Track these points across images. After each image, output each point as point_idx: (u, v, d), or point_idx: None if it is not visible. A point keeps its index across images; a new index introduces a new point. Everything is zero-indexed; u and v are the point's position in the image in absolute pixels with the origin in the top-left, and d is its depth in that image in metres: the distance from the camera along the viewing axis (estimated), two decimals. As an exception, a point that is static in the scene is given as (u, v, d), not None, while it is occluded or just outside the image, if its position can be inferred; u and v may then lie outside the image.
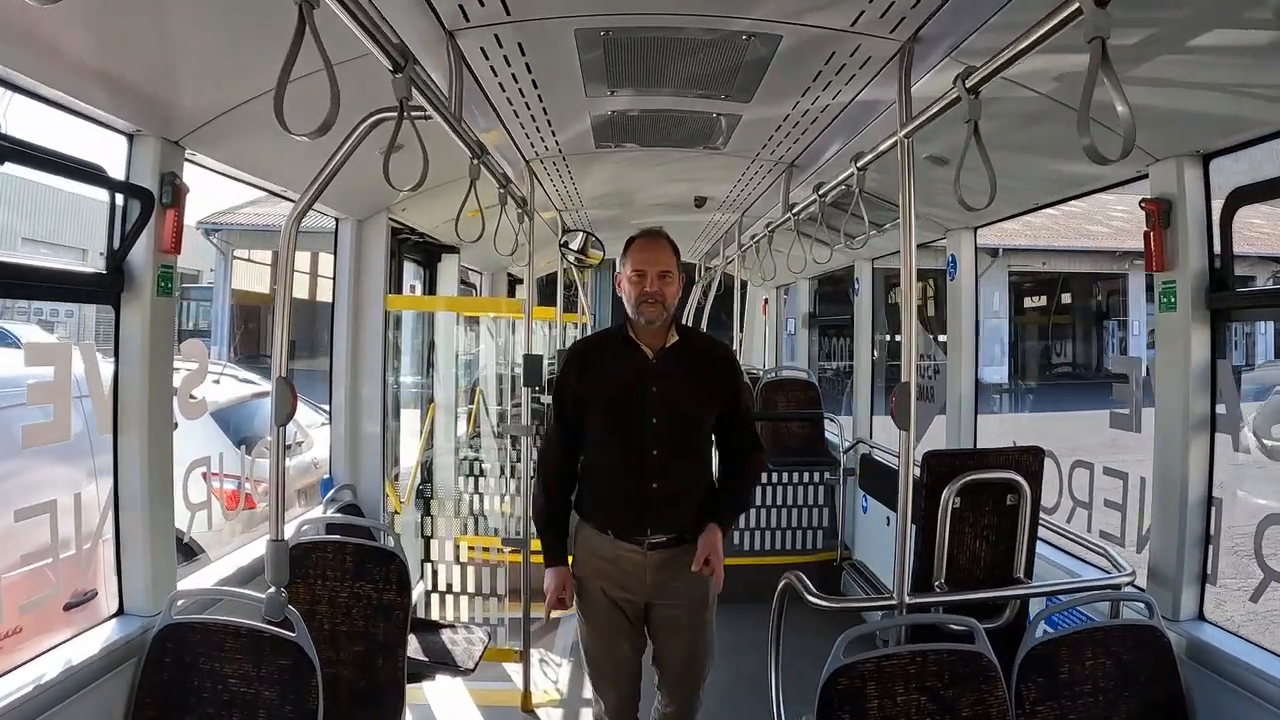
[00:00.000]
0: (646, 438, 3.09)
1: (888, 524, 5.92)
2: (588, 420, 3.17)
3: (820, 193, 4.19)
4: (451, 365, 6.46)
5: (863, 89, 3.32)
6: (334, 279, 4.78)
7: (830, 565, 6.63)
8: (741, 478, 3.35)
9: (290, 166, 3.56)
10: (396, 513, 5.50)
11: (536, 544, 5.30)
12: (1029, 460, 3.26)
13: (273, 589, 2.59)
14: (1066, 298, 26.99)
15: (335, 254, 4.76)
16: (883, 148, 3.20)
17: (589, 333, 9.31)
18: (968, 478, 3.15)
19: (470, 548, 5.74)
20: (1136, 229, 3.26)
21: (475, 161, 3.34)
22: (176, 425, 7.50)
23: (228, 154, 3.28)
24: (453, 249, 6.49)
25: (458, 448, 6.54)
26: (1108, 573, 3.37)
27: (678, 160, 4.92)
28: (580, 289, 8.96)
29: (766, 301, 10.30)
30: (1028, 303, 27.20)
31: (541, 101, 3.66)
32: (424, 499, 5.96)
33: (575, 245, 6.70)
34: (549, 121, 3.97)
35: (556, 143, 4.36)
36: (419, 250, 6.26)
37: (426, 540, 5.52)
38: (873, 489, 6.15)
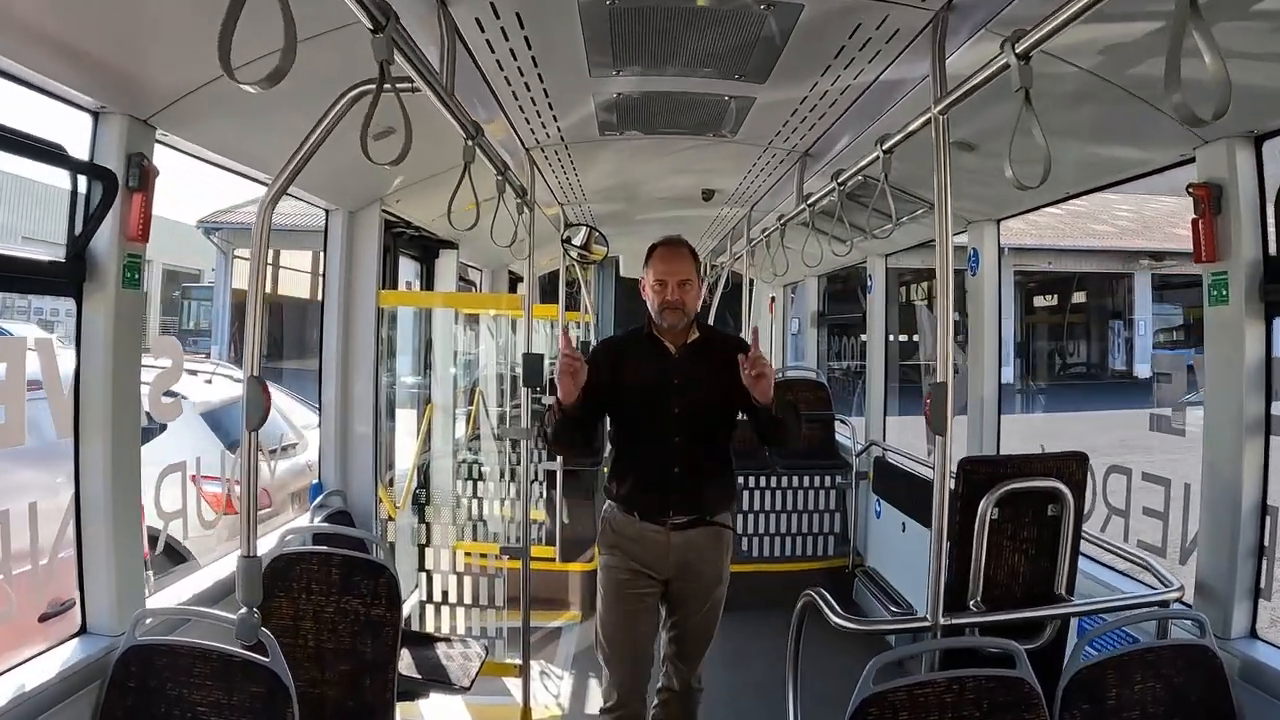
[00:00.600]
0: (669, 426, 3.33)
1: (903, 530, 5.69)
2: (615, 410, 3.45)
3: (840, 181, 3.94)
4: (450, 365, 6.22)
5: (888, 66, 3.08)
6: (324, 273, 4.55)
7: (842, 572, 6.41)
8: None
9: (271, 150, 3.29)
10: (391, 519, 5.28)
11: (537, 550, 5.31)
12: (1072, 467, 3.00)
13: (244, 609, 2.35)
14: (1075, 297, 26.69)
15: (325, 246, 4.53)
16: (914, 126, 2.96)
17: (592, 332, 9.12)
18: (1008, 486, 2.88)
19: (468, 554, 5.55)
20: (1142, 228, 3.06)
21: (470, 143, 3.08)
22: (164, 428, 7.31)
23: (202, 135, 3.05)
24: (451, 244, 6.25)
25: (456, 450, 6.32)
26: (1152, 588, 3.12)
27: (685, 150, 4.69)
28: (583, 287, 8.70)
29: (774, 300, 10.07)
30: (1035, 302, 26.83)
31: (542, 82, 3.42)
32: (420, 505, 5.78)
33: (578, 241, 6.45)
34: (550, 105, 3.74)
35: (558, 129, 4.13)
36: (415, 245, 6.02)
37: (422, 548, 5.31)
38: (887, 493, 5.92)
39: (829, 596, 3.01)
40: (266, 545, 3.61)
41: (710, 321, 8.38)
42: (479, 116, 3.49)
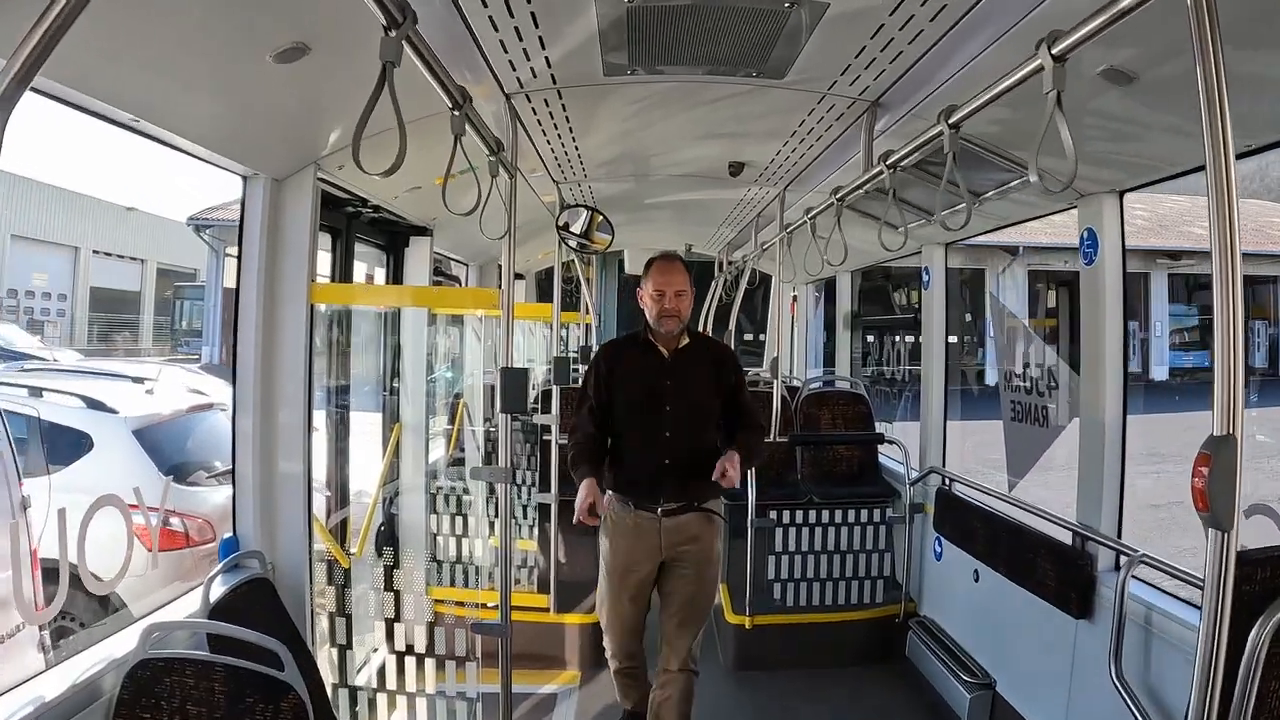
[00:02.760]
0: (662, 423, 3.73)
1: (975, 580, 4.62)
2: (615, 408, 3.81)
3: (926, 139, 2.86)
4: (422, 376, 5.15)
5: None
6: (238, 259, 3.46)
7: (891, 623, 5.33)
8: (745, 429, 3.84)
9: (135, 81, 2.32)
10: (346, 568, 4.24)
11: (528, 598, 5.12)
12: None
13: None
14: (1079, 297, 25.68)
15: (241, 224, 3.44)
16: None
17: (593, 336, 8.17)
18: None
19: (439, 602, 4.64)
20: (1156, 227, 2.22)
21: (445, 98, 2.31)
22: (91, 447, 6.18)
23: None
24: (424, 231, 5.17)
25: (434, 476, 5.27)
26: None
27: (713, 104, 3.65)
28: (584, 285, 7.61)
29: (795, 299, 8.97)
30: (1048, 302, 25.79)
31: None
32: (381, 546, 4.76)
33: (577, 227, 5.36)
34: (535, 23, 2.67)
35: (547, 63, 3.07)
36: (379, 230, 4.95)
37: (397, 595, 4.27)
38: (954, 533, 4.84)
39: None
40: (125, 644, 2.55)
41: (732, 321, 7.48)
42: (436, 44, 2.45)
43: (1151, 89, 2.56)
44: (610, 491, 3.83)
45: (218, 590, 3.07)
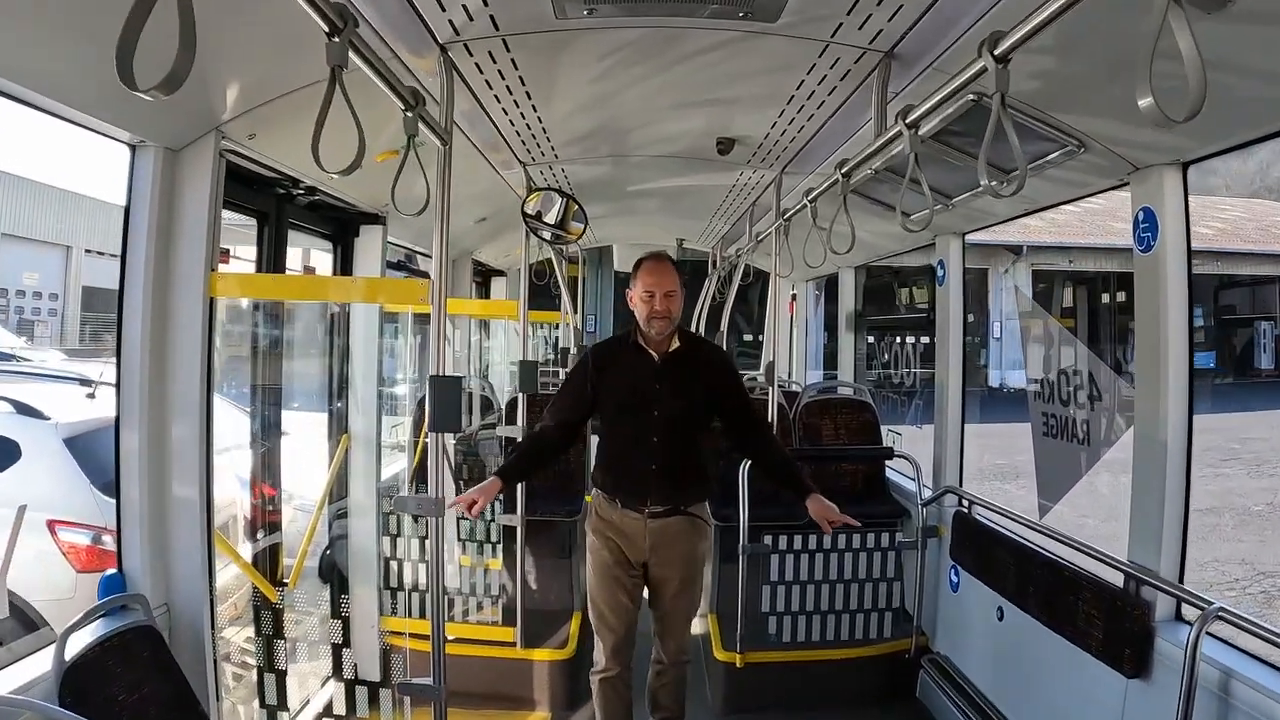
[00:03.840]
0: (649, 427, 3.65)
1: (999, 617, 4.04)
2: (602, 410, 3.78)
3: (959, 82, 2.27)
4: (374, 381, 4.55)
5: None
6: (123, 244, 2.87)
7: (901, 659, 4.74)
8: (775, 455, 3.89)
9: None
10: (274, 603, 3.67)
11: (492, 632, 4.69)
12: None
13: None
14: (1095, 297, 25.28)
15: (127, 203, 2.86)
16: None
17: (572, 338, 7.59)
18: None
19: (392, 634, 4.32)
20: None
21: (336, 40, 1.96)
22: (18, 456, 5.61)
23: None
24: (376, 219, 4.57)
25: (390, 493, 4.69)
26: None
27: (696, 59, 3.08)
28: (560, 280, 6.98)
29: (794, 298, 8.35)
30: (1052, 302, 25.35)
31: None
32: (325, 573, 4.46)
33: (551, 216, 4.72)
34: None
35: (485, 3, 2.48)
36: (321, 217, 4.36)
37: (346, 622, 3.88)
38: (974, 563, 4.25)
39: None
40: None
41: (724, 321, 6.93)
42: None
43: (1254, 14, 1.97)
44: (596, 489, 3.81)
45: (85, 641, 2.49)
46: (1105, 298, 24.82)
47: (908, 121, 2.53)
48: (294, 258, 5.21)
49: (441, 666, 2.96)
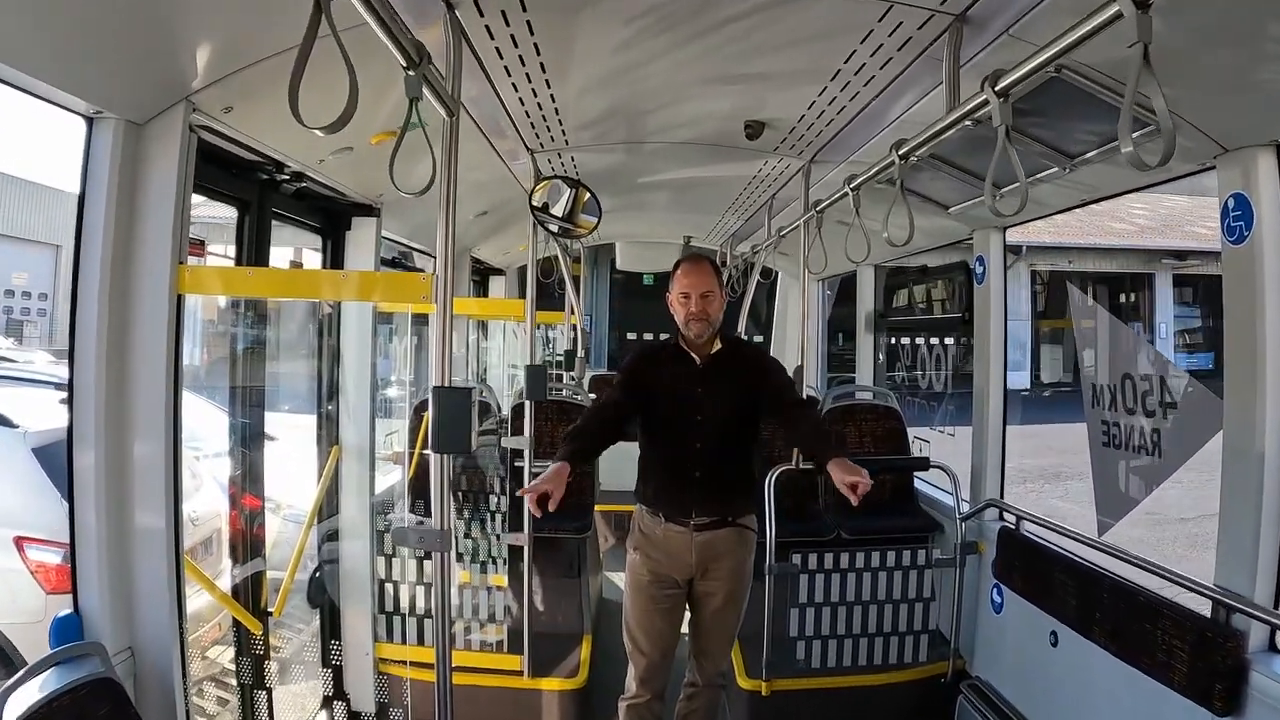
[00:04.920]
0: (692, 434, 3.50)
1: (1053, 643, 3.69)
2: (644, 417, 3.60)
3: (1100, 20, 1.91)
4: (367, 387, 4.19)
5: None
6: (76, 231, 2.49)
7: (937, 685, 4.39)
8: (818, 432, 3.60)
9: None
10: (253, 634, 3.30)
11: (496, 659, 4.31)
12: None
13: None
14: (1086, 298, 25.25)
15: (83, 184, 2.49)
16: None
17: (578, 339, 7.26)
18: None
19: (384, 661, 4.16)
20: (1161, 226, 1.82)
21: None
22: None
23: None
24: (370, 210, 4.19)
25: (381, 512, 4.32)
26: None
27: (729, 27, 2.73)
28: (567, 279, 6.62)
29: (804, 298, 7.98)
30: (1051, 303, 25.08)
31: None
32: (314, 597, 4.08)
33: (559, 208, 4.31)
34: None
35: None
36: (310, 207, 3.99)
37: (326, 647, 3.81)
38: (1026, 585, 3.90)
39: None
40: None
41: (740, 328, 6.61)
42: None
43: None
44: (639, 504, 3.66)
45: (32, 698, 2.12)
46: (1107, 299, 24.76)
47: (997, 89, 2.16)
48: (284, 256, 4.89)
49: (449, 710, 2.60)
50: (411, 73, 2.02)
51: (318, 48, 1.62)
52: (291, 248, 4.81)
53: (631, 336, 18.88)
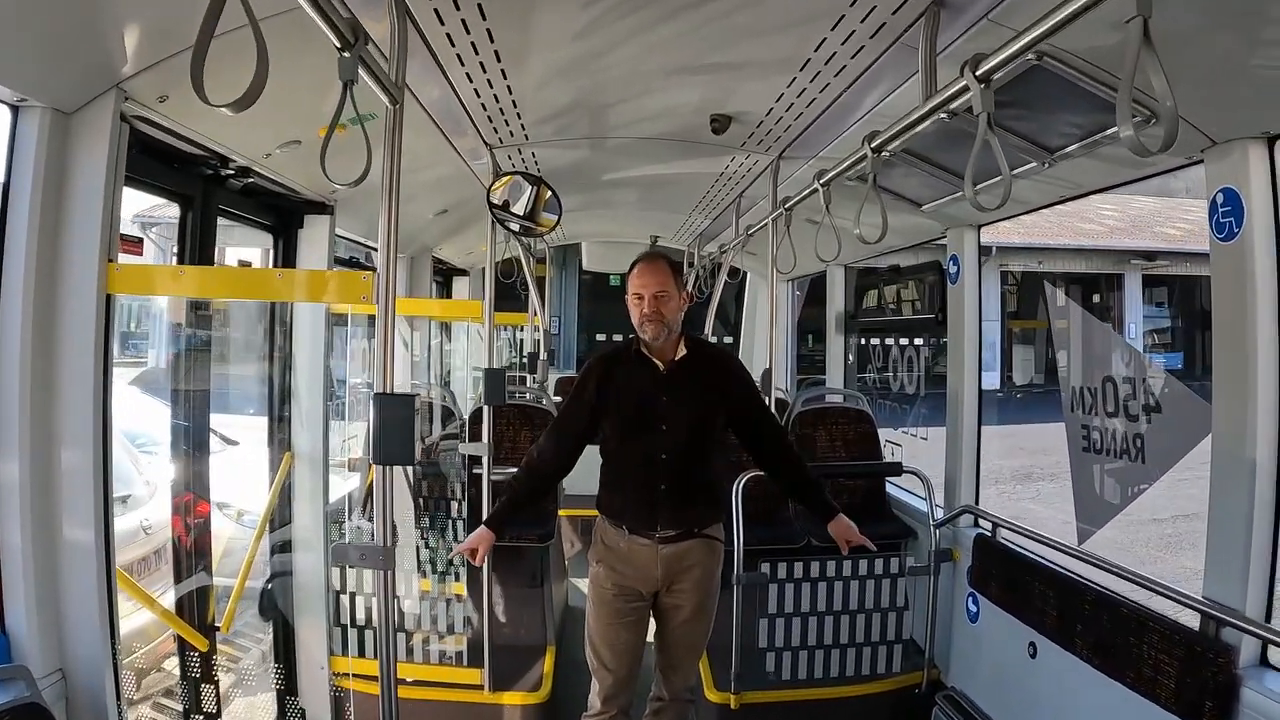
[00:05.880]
0: (655, 443, 3.34)
1: (1031, 654, 3.60)
2: (605, 428, 3.43)
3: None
4: (319, 393, 4.03)
5: None
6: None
7: (911, 696, 4.30)
8: (800, 473, 3.59)
9: None
10: (201, 653, 3.14)
11: (454, 673, 4.17)
12: None
13: None
14: (1065, 299, 25.46)
15: (6, 177, 2.33)
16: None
17: (542, 341, 7.11)
18: None
19: (339, 675, 4.00)
20: (1129, 227, 1.70)
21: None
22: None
23: None
24: (323, 207, 4.03)
25: (336, 522, 4.18)
26: None
27: (695, 10, 2.62)
28: (531, 281, 6.49)
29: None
30: (1023, 304, 25.59)
31: None
32: (266, 610, 3.93)
33: (520, 206, 4.17)
34: None
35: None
36: (259, 204, 3.83)
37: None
38: (1003, 595, 3.81)
39: None
40: None
41: (708, 329, 6.51)
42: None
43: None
44: (601, 516, 3.52)
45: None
46: (1079, 299, 24.87)
47: (978, 74, 2.05)
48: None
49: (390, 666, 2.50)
50: (346, 54, 1.88)
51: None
52: (254, 248, 4.67)
53: (600, 338, 18.83)
